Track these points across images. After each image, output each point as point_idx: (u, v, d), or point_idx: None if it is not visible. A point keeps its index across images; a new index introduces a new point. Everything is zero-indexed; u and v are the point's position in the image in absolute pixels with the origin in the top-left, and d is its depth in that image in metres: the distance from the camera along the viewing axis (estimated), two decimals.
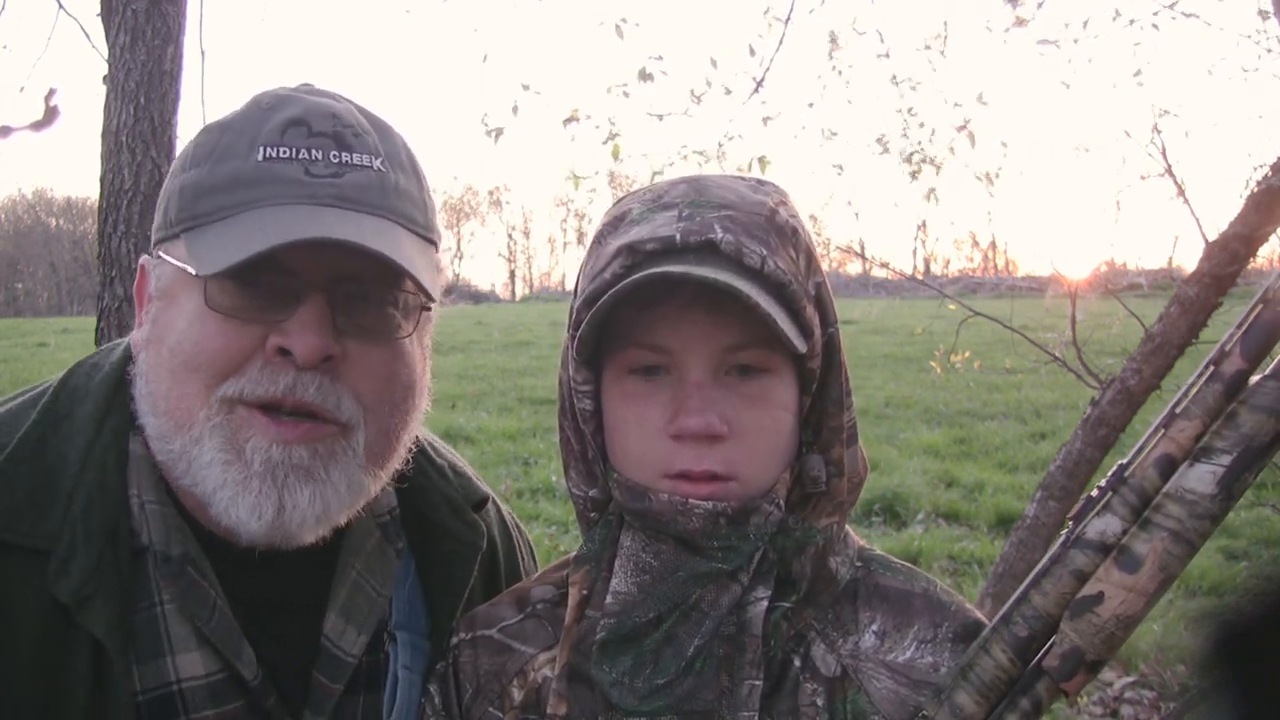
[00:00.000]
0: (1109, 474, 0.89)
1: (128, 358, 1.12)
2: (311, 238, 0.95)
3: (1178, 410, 0.86)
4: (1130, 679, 4.31)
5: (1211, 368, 0.84)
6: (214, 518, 1.02)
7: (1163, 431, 0.86)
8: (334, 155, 1.02)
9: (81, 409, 1.07)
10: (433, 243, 1.11)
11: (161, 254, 1.06)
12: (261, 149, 1.01)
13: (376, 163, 1.04)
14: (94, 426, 1.05)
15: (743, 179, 1.02)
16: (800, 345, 0.92)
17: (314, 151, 1.02)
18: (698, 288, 0.90)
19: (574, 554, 1.07)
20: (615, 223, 1.00)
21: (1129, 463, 0.88)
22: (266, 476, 0.99)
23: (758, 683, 0.94)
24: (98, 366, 1.12)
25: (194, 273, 0.99)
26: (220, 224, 1.00)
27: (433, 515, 1.21)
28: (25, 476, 1.01)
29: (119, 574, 1.00)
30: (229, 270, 0.95)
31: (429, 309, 1.11)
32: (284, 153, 1.01)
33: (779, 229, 0.96)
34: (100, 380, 1.10)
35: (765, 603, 0.97)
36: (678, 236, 0.93)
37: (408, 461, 1.15)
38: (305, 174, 1.01)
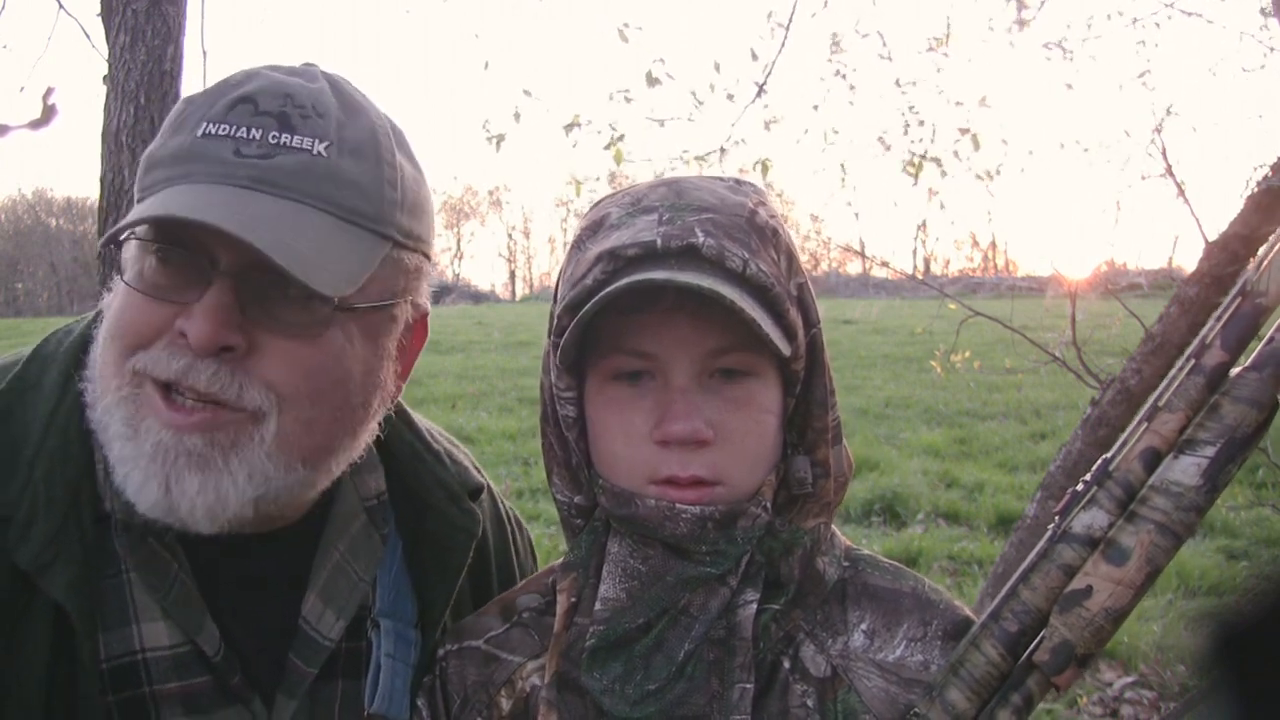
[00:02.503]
0: (1094, 468, 0.89)
1: (97, 322, 1.10)
2: (161, 216, 0.94)
3: (1160, 403, 0.86)
4: (1130, 679, 4.31)
5: (1193, 360, 0.85)
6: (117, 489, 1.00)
7: (1146, 425, 0.86)
8: (272, 136, 0.99)
9: (48, 376, 1.06)
10: (387, 237, 1.04)
11: None
12: (204, 125, 0.99)
13: (319, 146, 1.00)
14: (58, 393, 1.05)
15: (721, 179, 1.02)
16: (785, 348, 0.92)
17: (252, 130, 0.99)
18: (680, 293, 0.90)
19: (560, 561, 1.07)
20: (594, 227, 0.99)
21: (1113, 456, 0.88)
22: (156, 458, 0.97)
23: (748, 686, 0.94)
24: (69, 331, 1.12)
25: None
26: (150, 199, 0.99)
27: (426, 499, 1.19)
28: None
29: (81, 539, 0.99)
30: (105, 242, 0.96)
31: (385, 308, 1.05)
32: (222, 129, 0.99)
33: (759, 230, 0.96)
34: (68, 346, 1.09)
35: (754, 605, 0.97)
36: (659, 241, 0.92)
37: (398, 444, 1.14)
38: (234, 153, 0.98)
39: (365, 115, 1.06)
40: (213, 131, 0.99)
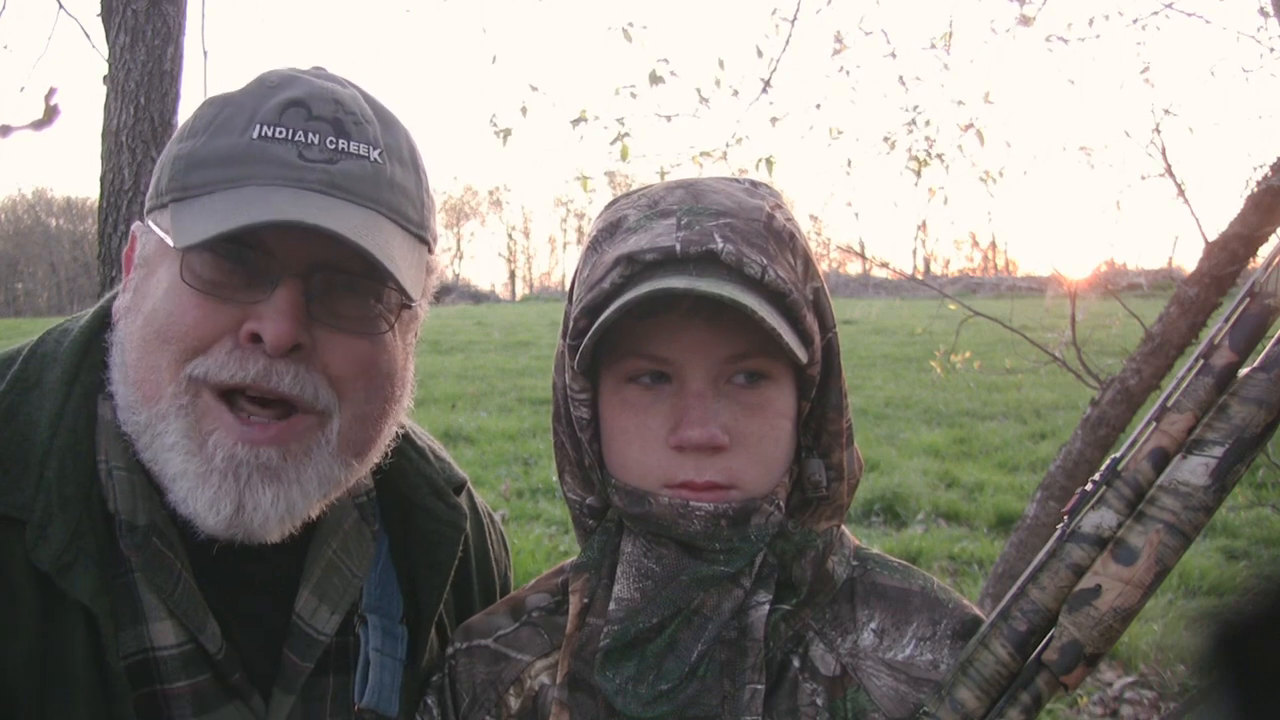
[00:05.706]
0: (1103, 468, 0.89)
1: (98, 321, 1.10)
2: (284, 220, 0.93)
3: (1169, 404, 0.87)
4: (1130, 679, 4.31)
5: (1201, 361, 0.85)
6: (171, 503, 1.00)
7: (1155, 425, 0.87)
8: (330, 141, 1.01)
9: (50, 375, 1.05)
10: (425, 242, 1.09)
11: (150, 222, 1.05)
12: (258, 127, 1.00)
13: (374, 153, 1.03)
14: (63, 391, 1.04)
15: (737, 182, 1.02)
16: (802, 355, 0.92)
17: (310, 135, 1.00)
18: (699, 298, 0.90)
19: (570, 561, 1.07)
20: (611, 229, 0.99)
21: (1122, 456, 0.88)
22: (228, 474, 0.97)
23: (759, 687, 0.94)
24: (66, 331, 1.11)
25: (171, 244, 0.97)
26: (206, 198, 0.99)
27: (413, 496, 1.21)
28: None
29: (96, 539, 0.98)
30: (199, 245, 0.94)
31: (410, 306, 1.09)
32: (279, 133, 1.00)
33: (777, 235, 0.96)
34: (69, 344, 1.08)
35: (767, 607, 0.97)
36: (678, 247, 0.92)
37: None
38: (298, 157, 0.99)
39: (396, 121, 1.09)
40: (268, 134, 1.00)
